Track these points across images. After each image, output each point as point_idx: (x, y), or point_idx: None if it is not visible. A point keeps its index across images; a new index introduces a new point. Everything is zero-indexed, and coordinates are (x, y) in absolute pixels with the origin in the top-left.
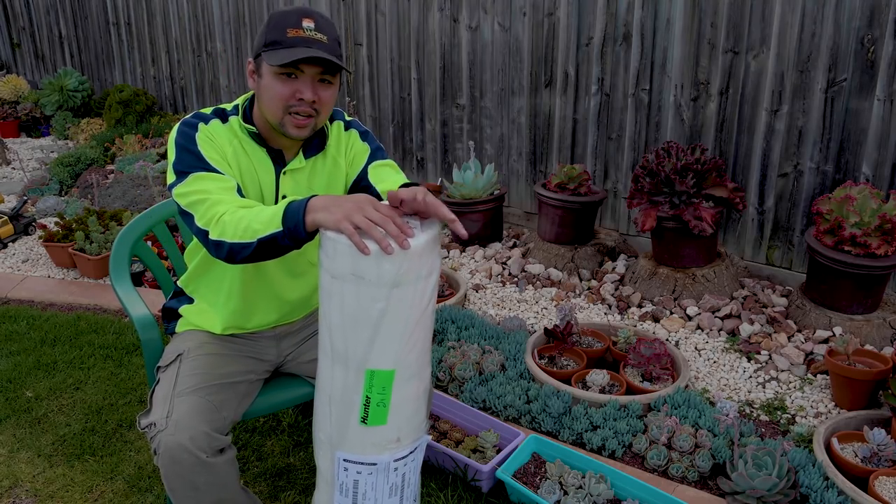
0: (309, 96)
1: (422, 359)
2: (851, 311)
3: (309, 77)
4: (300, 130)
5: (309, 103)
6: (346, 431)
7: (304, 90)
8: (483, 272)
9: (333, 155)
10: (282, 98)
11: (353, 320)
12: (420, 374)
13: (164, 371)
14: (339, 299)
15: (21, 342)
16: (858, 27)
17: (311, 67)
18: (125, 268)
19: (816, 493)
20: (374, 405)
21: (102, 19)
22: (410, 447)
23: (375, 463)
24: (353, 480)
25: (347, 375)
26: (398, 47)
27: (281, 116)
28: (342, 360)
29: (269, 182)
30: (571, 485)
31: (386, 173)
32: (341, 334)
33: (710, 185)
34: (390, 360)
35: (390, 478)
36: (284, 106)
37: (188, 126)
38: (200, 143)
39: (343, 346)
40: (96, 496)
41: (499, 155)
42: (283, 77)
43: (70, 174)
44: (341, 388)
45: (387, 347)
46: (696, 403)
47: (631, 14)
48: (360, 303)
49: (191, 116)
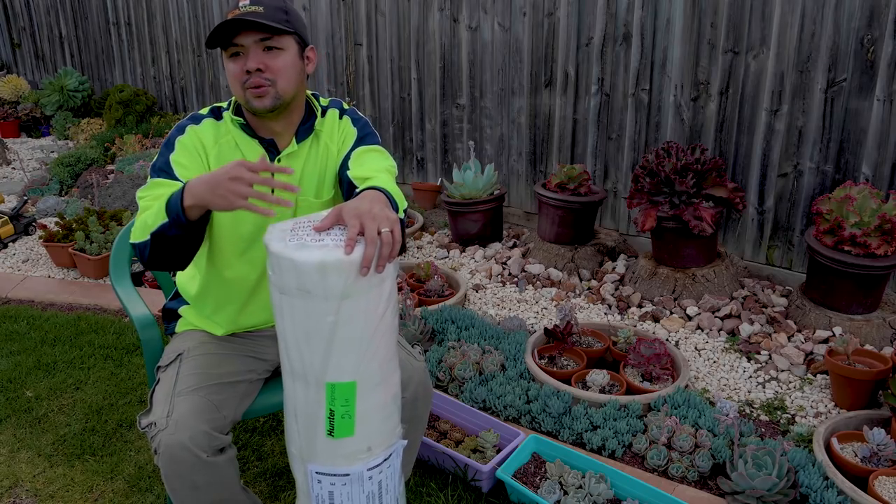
0: (252, 65)
1: (386, 365)
2: (851, 311)
3: (252, 49)
4: (261, 100)
5: (256, 72)
6: (315, 445)
7: (247, 61)
8: (483, 272)
9: (326, 141)
10: (235, 76)
11: (306, 335)
12: (386, 381)
13: (164, 371)
14: (289, 314)
15: (21, 342)
16: (858, 27)
17: (249, 37)
18: (125, 268)
19: (816, 493)
20: (339, 417)
21: (102, 19)
22: (384, 454)
23: (348, 474)
24: (327, 492)
25: (308, 390)
26: (398, 47)
27: (243, 94)
28: (301, 376)
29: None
30: (571, 485)
31: (367, 158)
32: (297, 349)
33: (710, 185)
34: (349, 372)
35: (366, 487)
36: (241, 83)
37: (178, 129)
38: (178, 148)
39: (300, 361)
40: (96, 496)
41: (499, 155)
42: (233, 58)
43: (70, 174)
44: (304, 404)
45: (344, 360)
46: (696, 403)
47: (631, 14)
48: (310, 317)
49: (186, 119)
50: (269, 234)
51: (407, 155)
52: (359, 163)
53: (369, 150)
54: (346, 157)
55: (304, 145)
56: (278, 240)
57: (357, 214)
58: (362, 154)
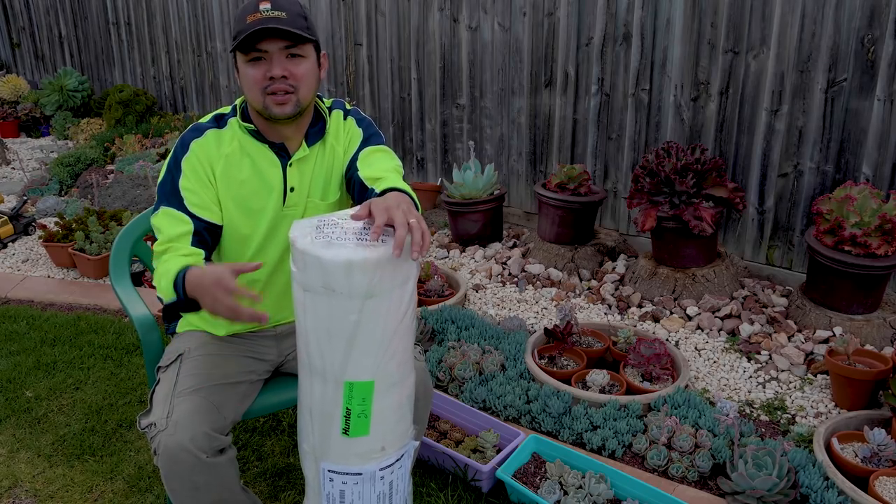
0: (278, 72)
1: (403, 366)
2: (851, 311)
3: (276, 55)
4: (282, 107)
5: (280, 79)
6: (329, 443)
7: (272, 68)
8: (483, 272)
9: (332, 143)
10: (256, 82)
11: (328, 333)
12: (402, 382)
13: (164, 371)
14: (312, 312)
15: (21, 342)
16: (858, 27)
17: (274, 44)
18: (125, 268)
19: (816, 493)
20: (355, 416)
21: (102, 19)
22: (396, 454)
23: (361, 473)
24: (339, 491)
25: (326, 388)
26: (398, 47)
27: (262, 100)
28: (320, 373)
29: (276, 175)
30: (571, 485)
31: (375, 159)
32: (317, 347)
33: (710, 185)
34: (368, 372)
35: (377, 486)
36: (261, 89)
37: (182, 145)
38: (185, 171)
39: (319, 358)
40: (96, 496)
41: (499, 155)
42: (252, 63)
43: (70, 174)
44: (320, 401)
45: (364, 359)
46: (696, 403)
47: (631, 14)
48: (333, 315)
49: (188, 131)
50: (295, 231)
51: (407, 155)
52: (367, 163)
53: (376, 151)
54: (354, 158)
55: (313, 148)
56: (304, 236)
57: (385, 207)
58: (370, 154)
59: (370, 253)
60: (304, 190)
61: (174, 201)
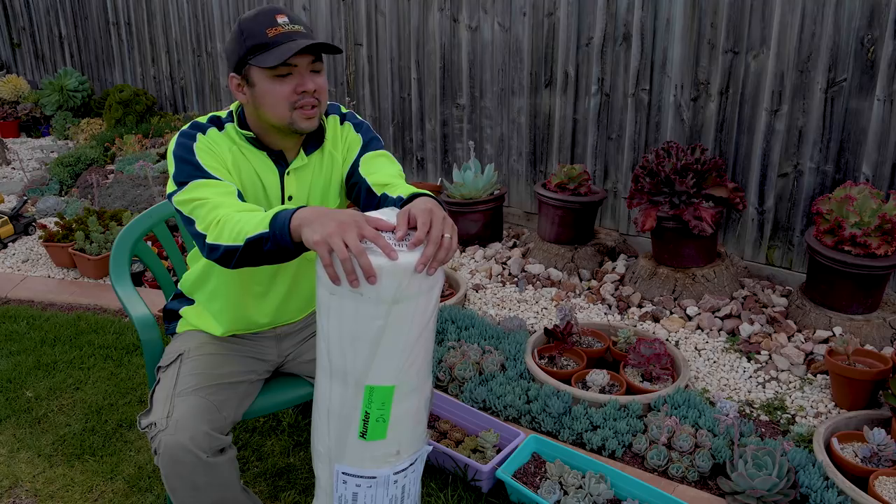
0: (311, 87)
1: (423, 372)
2: (851, 311)
3: (303, 69)
4: (310, 122)
5: (311, 93)
6: (345, 445)
7: (305, 82)
8: (483, 272)
9: (330, 150)
10: (285, 97)
11: (352, 337)
12: (421, 388)
13: (164, 371)
14: (336, 315)
15: (21, 342)
16: (858, 27)
17: (303, 59)
18: (125, 268)
19: (816, 493)
20: (374, 420)
21: (102, 19)
22: (410, 459)
23: (375, 476)
24: (352, 493)
25: (346, 391)
26: (398, 47)
27: (289, 115)
28: (340, 376)
29: (273, 184)
30: (571, 485)
31: (378, 164)
32: (339, 350)
33: (710, 185)
34: (390, 377)
35: (390, 490)
36: (290, 104)
37: (186, 137)
38: (199, 153)
39: (341, 361)
40: (96, 496)
41: (499, 155)
42: (279, 78)
43: (70, 174)
44: (340, 403)
45: (387, 364)
46: (696, 403)
47: (631, 14)
48: (359, 319)
49: (188, 127)
50: None
51: (407, 155)
52: (371, 169)
53: (378, 156)
54: (355, 164)
55: (312, 156)
56: None
57: (429, 220)
58: (372, 160)
59: (400, 258)
60: (302, 199)
61: (198, 175)
